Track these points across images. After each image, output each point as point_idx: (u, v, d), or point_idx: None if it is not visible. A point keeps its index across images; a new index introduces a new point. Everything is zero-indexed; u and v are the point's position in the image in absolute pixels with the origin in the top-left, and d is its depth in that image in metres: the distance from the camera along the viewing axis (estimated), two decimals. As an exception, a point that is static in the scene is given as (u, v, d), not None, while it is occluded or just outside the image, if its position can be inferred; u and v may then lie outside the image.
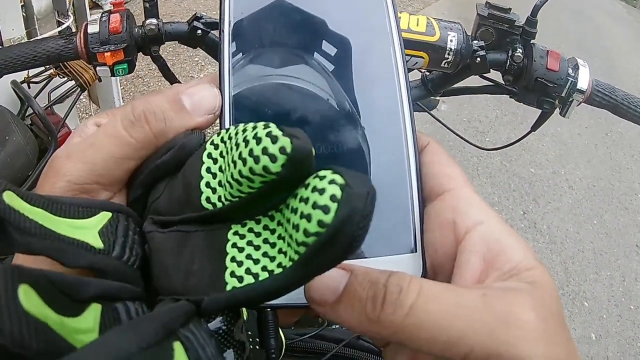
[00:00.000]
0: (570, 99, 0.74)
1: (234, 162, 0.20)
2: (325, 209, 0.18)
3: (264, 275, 0.21)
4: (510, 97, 0.76)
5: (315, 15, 0.29)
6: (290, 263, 0.20)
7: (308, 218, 0.18)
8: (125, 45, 0.67)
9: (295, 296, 0.23)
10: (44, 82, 1.39)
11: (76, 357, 0.16)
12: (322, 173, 0.19)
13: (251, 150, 0.19)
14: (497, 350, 0.21)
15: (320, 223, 0.18)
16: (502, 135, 0.82)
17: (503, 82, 0.76)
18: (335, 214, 0.18)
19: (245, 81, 0.28)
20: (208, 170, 0.23)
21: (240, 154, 0.20)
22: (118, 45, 0.67)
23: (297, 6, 0.30)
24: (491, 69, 0.73)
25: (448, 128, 0.87)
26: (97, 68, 0.69)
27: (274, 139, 0.19)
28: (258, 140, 0.19)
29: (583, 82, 0.73)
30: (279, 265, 0.21)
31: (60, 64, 1.36)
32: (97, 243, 0.23)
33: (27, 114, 1.34)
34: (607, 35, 4.92)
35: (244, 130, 0.20)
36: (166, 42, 0.70)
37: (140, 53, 0.72)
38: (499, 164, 3.05)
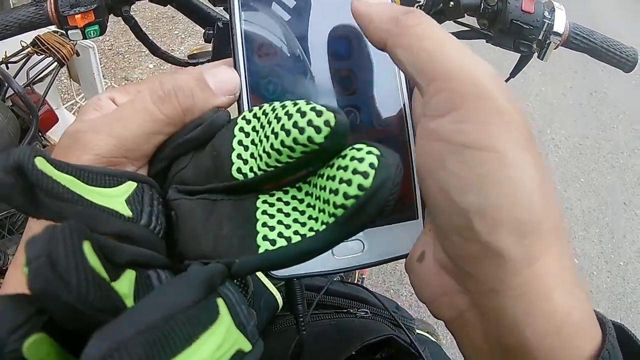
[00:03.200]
0: (548, 41, 0.74)
1: (275, 134, 0.22)
2: (365, 175, 0.20)
3: (296, 238, 0.22)
4: (487, 42, 0.76)
5: None
6: (324, 227, 0.21)
7: (348, 183, 0.20)
8: (95, 6, 0.67)
9: (319, 266, 0.29)
10: (22, 61, 1.37)
11: (137, 310, 0.16)
12: (358, 146, 0.21)
13: (295, 123, 0.21)
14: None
15: (360, 187, 0.20)
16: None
17: (479, 27, 0.76)
18: (374, 178, 0.20)
19: None
20: (240, 142, 0.24)
21: (282, 125, 0.22)
22: (88, 6, 0.67)
23: None
24: (466, 14, 0.73)
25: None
26: (69, 32, 0.68)
27: (319, 113, 0.21)
28: (303, 114, 0.21)
29: (559, 25, 0.74)
30: (311, 229, 0.22)
31: (37, 41, 1.34)
32: (126, 211, 0.23)
33: (7, 96, 1.32)
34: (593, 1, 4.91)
35: (284, 107, 0.22)
36: (137, 3, 0.70)
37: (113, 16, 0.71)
38: (484, 125, 3.05)
